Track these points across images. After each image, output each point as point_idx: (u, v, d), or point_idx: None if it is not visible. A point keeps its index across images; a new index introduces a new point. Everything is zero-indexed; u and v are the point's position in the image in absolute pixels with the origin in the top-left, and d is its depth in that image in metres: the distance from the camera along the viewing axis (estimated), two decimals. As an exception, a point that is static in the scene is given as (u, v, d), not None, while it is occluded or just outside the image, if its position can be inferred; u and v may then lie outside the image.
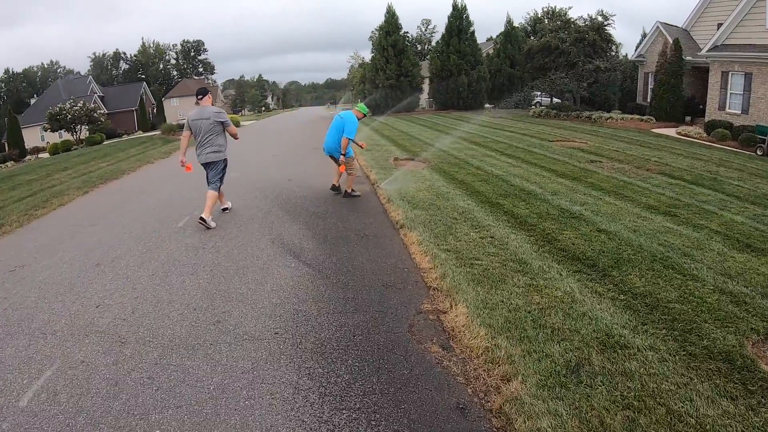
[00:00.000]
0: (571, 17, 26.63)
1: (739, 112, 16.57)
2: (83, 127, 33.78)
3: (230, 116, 6.61)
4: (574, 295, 3.89)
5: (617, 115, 21.09)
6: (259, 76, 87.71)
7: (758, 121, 15.10)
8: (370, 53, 36.02)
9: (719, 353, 3.11)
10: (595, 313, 3.58)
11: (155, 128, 38.20)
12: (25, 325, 3.81)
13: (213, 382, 2.90)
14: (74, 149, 28.51)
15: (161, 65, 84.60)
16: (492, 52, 34.23)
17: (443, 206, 6.78)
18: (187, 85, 65.69)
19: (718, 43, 17.15)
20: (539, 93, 32.06)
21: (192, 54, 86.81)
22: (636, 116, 20.50)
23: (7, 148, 30.01)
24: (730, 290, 4.06)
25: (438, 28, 64.96)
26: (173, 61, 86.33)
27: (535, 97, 33.15)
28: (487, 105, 32.51)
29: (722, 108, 17.33)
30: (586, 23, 24.49)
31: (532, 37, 30.52)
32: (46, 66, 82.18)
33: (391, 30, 31.33)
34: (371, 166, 10.10)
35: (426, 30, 68.15)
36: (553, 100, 29.02)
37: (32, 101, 56.81)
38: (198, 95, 6.40)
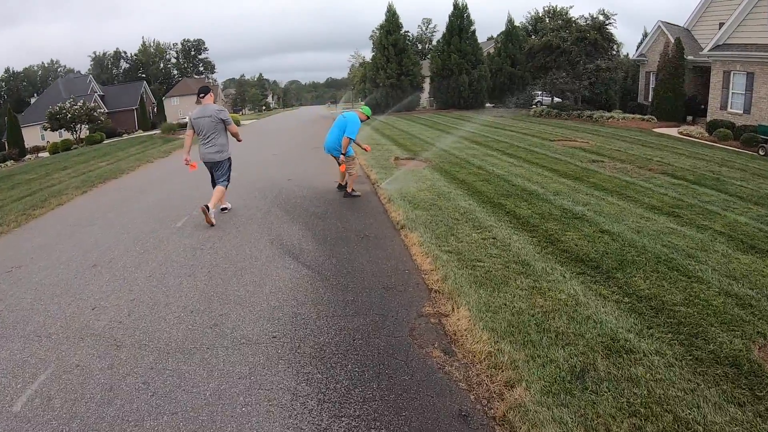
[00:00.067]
0: (572, 16, 26.55)
1: (741, 111, 16.52)
2: (83, 126, 33.72)
3: (231, 115, 6.62)
4: (578, 297, 3.82)
5: (618, 115, 21.02)
6: (260, 75, 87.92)
7: (760, 121, 15.04)
8: (371, 52, 36.03)
9: (726, 358, 3.06)
10: (600, 316, 3.51)
11: (155, 127, 38.14)
12: (20, 328, 3.76)
13: (209, 387, 2.84)
14: (74, 148, 28.45)
15: (162, 64, 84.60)
16: (493, 51, 34.13)
17: (444, 206, 6.71)
18: (187, 85, 65.63)
19: (720, 43, 17.08)
20: (540, 92, 31.98)
21: (192, 53, 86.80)
22: (637, 116, 20.44)
23: (7, 147, 29.90)
24: (735, 293, 4.00)
25: (439, 27, 65.01)
26: (174, 60, 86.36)
27: (535, 97, 33.07)
28: (488, 104, 32.42)
29: (724, 108, 17.27)
30: (588, 22, 24.39)
31: (533, 37, 30.41)
32: (46, 65, 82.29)
33: (391, 29, 31.26)
34: (371, 166, 10.03)
35: (427, 29, 68.16)
36: (554, 100, 28.93)
37: (32, 100, 56.78)
38: (200, 94, 6.42)
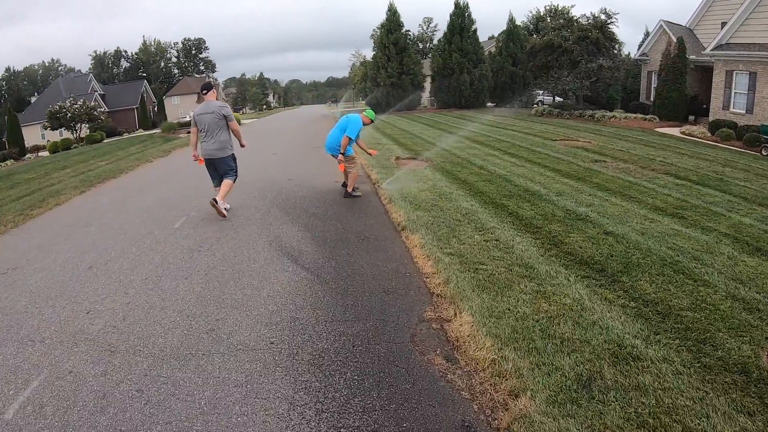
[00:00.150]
0: (573, 15, 26.45)
1: (744, 111, 16.44)
2: (83, 125, 33.65)
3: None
4: (583, 302, 3.73)
5: (620, 114, 20.94)
6: (261, 74, 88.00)
7: (763, 121, 14.97)
8: (372, 51, 35.94)
9: (734, 364, 2.98)
10: (606, 321, 3.43)
11: (156, 126, 38.11)
12: (14, 332, 3.69)
13: (204, 396, 2.76)
14: (74, 147, 28.39)
15: (162, 63, 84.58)
16: (494, 50, 34.09)
17: (446, 207, 6.62)
18: (188, 84, 65.52)
19: (722, 42, 16.99)
20: (541, 91, 31.88)
21: (193, 52, 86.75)
22: (639, 115, 20.34)
23: (7, 146, 29.81)
24: (742, 296, 3.92)
25: (440, 27, 65.07)
26: (174, 60, 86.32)
27: (537, 96, 32.98)
28: (489, 104, 32.33)
29: (726, 107, 17.18)
30: (589, 21, 24.27)
31: (534, 36, 30.32)
32: (47, 64, 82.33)
33: (392, 28, 31.18)
34: (372, 166, 9.94)
35: (428, 28, 68.20)
36: (555, 99, 28.83)
37: (33, 99, 56.77)
38: (203, 90, 6.49)
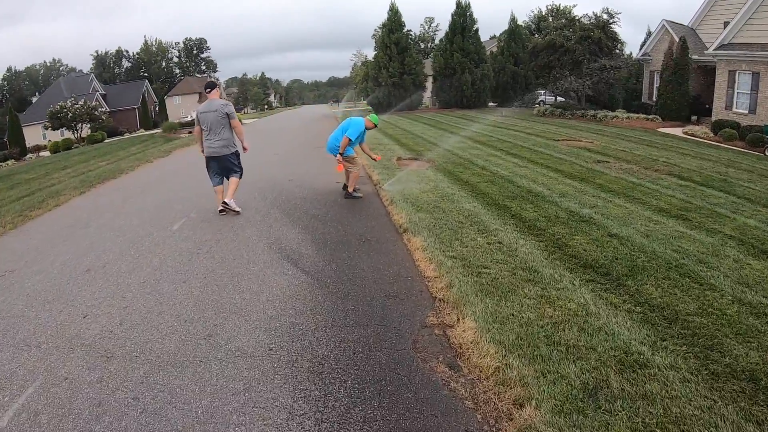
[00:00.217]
0: (575, 15, 26.36)
1: (746, 111, 16.33)
2: (85, 125, 33.62)
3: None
4: (588, 307, 3.65)
5: (623, 114, 20.84)
6: (262, 74, 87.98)
7: (766, 121, 14.90)
8: (373, 51, 35.86)
9: (742, 372, 2.90)
10: (612, 327, 3.35)
11: (157, 126, 38.07)
12: (9, 336, 3.64)
13: (201, 405, 2.69)
14: (75, 147, 28.38)
15: (164, 63, 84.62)
16: (496, 50, 33.97)
17: (448, 209, 6.55)
18: (189, 83, 65.51)
19: (725, 42, 16.88)
20: (543, 91, 31.78)
21: (195, 52, 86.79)
22: (642, 115, 20.25)
23: (8, 146, 29.79)
24: (749, 301, 3.85)
25: (441, 26, 65.07)
26: (176, 59, 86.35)
27: (538, 96, 32.88)
28: (491, 103, 32.23)
29: (729, 108, 17.08)
30: (591, 21, 24.17)
31: (536, 35, 30.22)
32: (48, 64, 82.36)
33: (394, 28, 31.08)
34: (374, 166, 9.86)
35: (429, 28, 68.17)
36: (557, 99, 28.73)
37: (34, 99, 56.77)
38: (206, 89, 6.62)
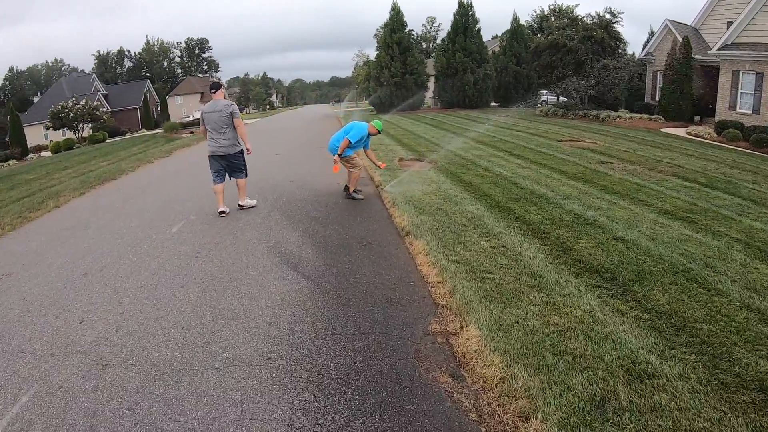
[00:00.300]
0: (578, 15, 26.19)
1: (750, 112, 16.20)
2: (86, 125, 33.60)
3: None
4: (594, 314, 3.57)
5: (625, 115, 20.72)
6: (264, 74, 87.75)
7: (771, 122, 14.77)
8: (375, 51, 35.76)
9: (752, 381, 2.82)
10: (619, 335, 3.27)
11: (159, 126, 38.06)
12: (5, 342, 3.58)
13: (198, 416, 2.61)
14: (76, 147, 28.36)
15: (165, 63, 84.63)
16: (498, 49, 33.83)
17: (451, 211, 6.46)
18: (191, 83, 65.56)
19: (729, 42, 16.76)
20: (545, 91, 31.66)
21: (196, 52, 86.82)
22: (644, 116, 20.13)
23: (10, 146, 29.75)
24: (757, 306, 3.76)
25: (443, 26, 64.90)
26: (177, 59, 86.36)
27: (541, 96, 32.76)
28: (493, 103, 32.11)
29: (733, 108, 16.95)
30: (594, 21, 24.05)
31: (538, 35, 30.09)
32: (50, 64, 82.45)
33: (396, 27, 30.96)
34: (375, 167, 9.79)
35: (431, 28, 68.07)
36: (559, 99, 28.62)
37: (36, 99, 56.81)
38: (211, 89, 6.77)
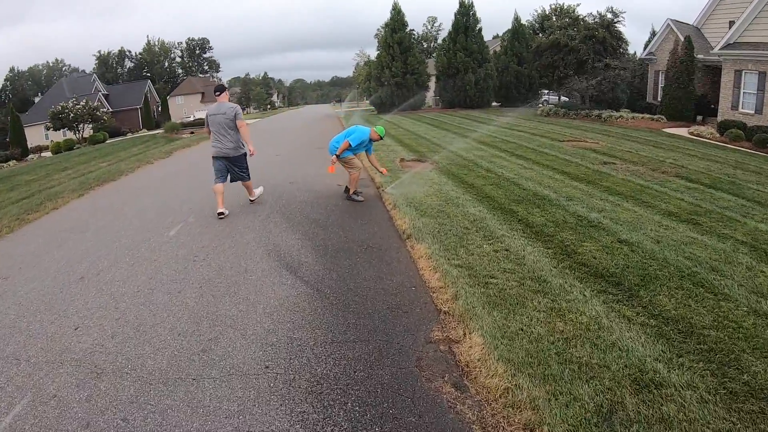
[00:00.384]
0: (579, 14, 26.11)
1: (753, 112, 16.10)
2: (87, 125, 33.55)
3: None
4: (600, 320, 3.49)
5: (627, 114, 20.61)
6: (265, 74, 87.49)
7: (774, 121, 14.68)
8: (376, 51, 35.67)
9: (761, 390, 2.74)
10: (626, 342, 3.19)
11: (160, 126, 37.99)
12: (0, 349, 3.50)
13: (193, 427, 2.54)
14: (76, 148, 28.32)
15: (166, 63, 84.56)
16: (499, 49, 33.71)
17: (453, 213, 6.38)
18: (192, 83, 65.56)
19: (731, 41, 16.66)
20: (546, 91, 31.57)
21: (197, 52, 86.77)
22: (646, 115, 20.02)
23: (10, 147, 29.70)
24: (764, 311, 3.68)
25: (444, 26, 64.85)
26: (178, 59, 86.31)
27: (542, 95, 32.66)
28: (495, 103, 32.02)
29: (735, 108, 16.86)
30: (596, 20, 23.96)
31: (540, 35, 29.98)
32: (51, 64, 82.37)
33: (396, 27, 30.88)
34: (377, 172, 9.72)
35: (432, 27, 68.00)
36: (561, 99, 28.52)
37: (37, 99, 56.80)
38: (216, 92, 6.85)
